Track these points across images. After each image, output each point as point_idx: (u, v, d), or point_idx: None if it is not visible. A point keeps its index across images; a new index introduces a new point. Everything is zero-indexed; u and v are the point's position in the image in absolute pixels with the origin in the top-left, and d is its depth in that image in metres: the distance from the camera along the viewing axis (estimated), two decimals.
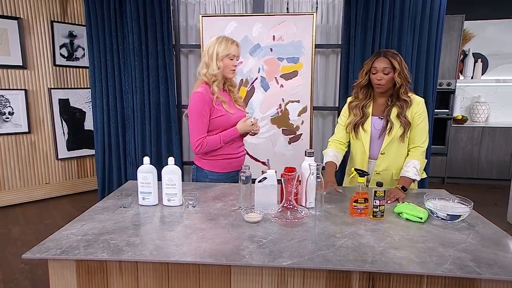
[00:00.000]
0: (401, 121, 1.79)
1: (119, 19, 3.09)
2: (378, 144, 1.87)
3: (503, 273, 1.06)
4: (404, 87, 1.78)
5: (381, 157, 1.87)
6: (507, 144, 4.53)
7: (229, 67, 1.87)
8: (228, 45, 1.86)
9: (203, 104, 1.84)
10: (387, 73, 1.75)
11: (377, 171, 1.89)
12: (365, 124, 1.87)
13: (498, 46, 4.84)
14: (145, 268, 1.21)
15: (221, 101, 1.89)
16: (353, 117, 1.91)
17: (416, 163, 1.79)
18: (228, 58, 1.85)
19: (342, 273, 1.16)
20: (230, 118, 1.91)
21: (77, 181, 4.13)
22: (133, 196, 1.65)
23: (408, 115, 1.79)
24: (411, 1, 2.82)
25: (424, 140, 1.83)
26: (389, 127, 1.80)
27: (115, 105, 3.25)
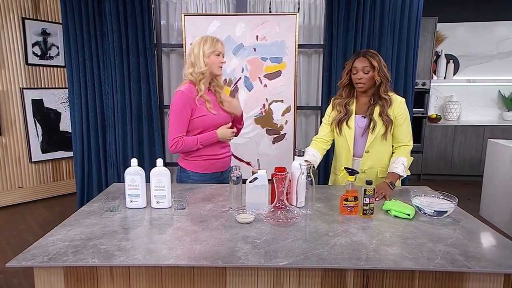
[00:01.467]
0: (383, 120, 1.84)
1: (97, 17, 2.99)
2: (362, 143, 1.91)
3: (490, 266, 1.11)
4: (384, 86, 1.83)
5: (365, 155, 1.91)
6: (478, 142, 4.75)
7: (217, 63, 1.87)
8: (214, 42, 1.87)
9: (185, 103, 1.82)
10: (366, 72, 1.81)
11: (362, 170, 1.92)
12: (349, 121, 1.91)
13: (468, 48, 5.06)
14: (137, 273, 1.18)
15: (204, 100, 1.87)
16: (336, 114, 1.94)
17: (404, 160, 1.85)
18: (214, 55, 1.86)
19: (337, 271, 1.17)
20: (212, 118, 1.89)
21: (53, 185, 3.97)
22: (120, 199, 1.61)
23: (390, 114, 1.84)
24: (390, 4, 2.89)
25: (409, 139, 1.90)
26: (372, 126, 1.85)
27: (94, 105, 3.15)
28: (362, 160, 1.92)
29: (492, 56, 5.04)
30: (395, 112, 1.85)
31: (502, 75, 5.02)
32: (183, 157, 1.98)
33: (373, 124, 1.84)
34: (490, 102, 5.18)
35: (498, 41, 5.00)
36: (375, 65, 1.79)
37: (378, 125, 1.84)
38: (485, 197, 3.51)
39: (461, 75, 5.12)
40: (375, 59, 1.80)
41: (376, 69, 1.80)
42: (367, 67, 1.80)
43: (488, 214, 3.43)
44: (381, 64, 1.81)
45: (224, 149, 2.00)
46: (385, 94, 1.84)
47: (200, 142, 1.88)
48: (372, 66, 1.79)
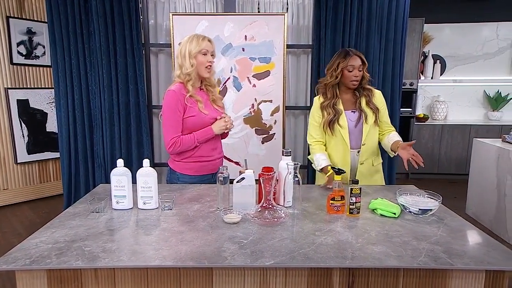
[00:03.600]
0: (371, 108, 1.97)
1: (84, 16, 2.95)
2: (356, 135, 1.99)
3: (472, 263, 1.13)
4: (366, 80, 1.98)
5: (363, 148, 1.99)
6: (464, 141, 4.83)
7: (204, 63, 1.83)
8: (199, 41, 1.83)
9: (176, 102, 1.80)
10: (361, 69, 1.93)
11: (361, 162, 2.01)
12: (340, 120, 1.96)
13: (454, 49, 5.14)
14: (122, 275, 1.16)
15: (195, 100, 1.85)
16: (326, 116, 1.98)
17: (397, 134, 2.02)
18: (201, 54, 1.81)
19: (323, 270, 1.18)
20: (203, 118, 1.86)
21: (39, 186, 3.91)
22: (106, 200, 1.59)
23: (375, 103, 2.00)
24: (377, 5, 2.92)
25: (391, 125, 2.09)
26: (364, 117, 1.96)
27: (81, 105, 3.10)
28: (360, 153, 2.00)
29: (477, 57, 5.13)
30: (377, 102, 2.00)
31: (487, 75, 5.12)
32: (173, 158, 1.95)
33: (365, 115, 1.96)
34: (476, 102, 5.27)
35: (483, 42, 5.09)
36: (366, 62, 1.94)
37: (369, 114, 1.96)
38: (471, 195, 3.57)
39: (447, 75, 5.20)
40: (362, 57, 1.93)
41: (366, 66, 1.95)
42: (361, 65, 1.92)
43: (474, 212, 3.49)
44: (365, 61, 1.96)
45: (214, 151, 1.97)
46: (367, 85, 1.99)
47: (197, 140, 1.85)
48: (364, 63, 1.93)
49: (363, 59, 1.92)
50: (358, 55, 1.92)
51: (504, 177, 3.04)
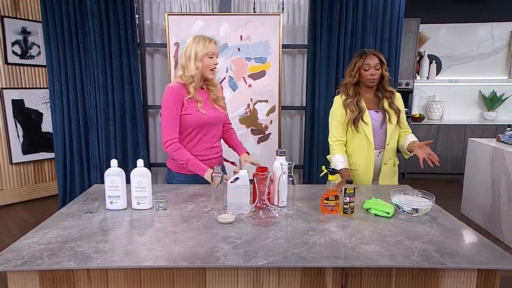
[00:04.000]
0: (394, 109, 2.00)
1: (78, 16, 2.94)
2: (380, 135, 2.01)
3: (464, 262, 1.14)
4: (387, 80, 2.00)
5: (387, 148, 2.02)
6: (460, 141, 4.85)
7: (209, 66, 1.82)
8: (206, 44, 1.81)
9: (174, 99, 1.79)
10: (378, 68, 1.94)
11: (385, 162, 2.03)
12: (364, 117, 1.98)
13: (450, 49, 5.16)
14: (115, 276, 1.16)
15: (195, 100, 1.83)
16: (350, 114, 1.99)
17: (414, 136, 2.05)
18: (207, 57, 1.80)
19: (316, 270, 1.18)
20: (199, 117, 1.84)
21: (34, 187, 3.89)
22: (100, 201, 1.59)
23: (397, 104, 2.03)
24: (372, 5, 2.93)
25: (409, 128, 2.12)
26: (388, 118, 1.98)
27: (76, 105, 3.09)
28: (384, 153, 2.02)
29: (472, 57, 5.16)
30: (397, 104, 2.03)
31: (482, 75, 5.14)
32: (170, 157, 1.95)
33: (388, 116, 1.99)
34: (471, 101, 5.30)
35: (479, 42, 5.11)
36: (384, 61, 1.96)
37: (392, 115, 1.99)
38: (466, 195, 3.59)
39: (443, 75, 5.22)
40: (380, 57, 1.96)
41: (384, 65, 1.96)
42: (379, 64, 1.94)
43: (469, 211, 3.51)
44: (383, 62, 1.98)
45: (211, 151, 1.95)
46: (390, 87, 2.02)
47: (188, 166, 1.81)
48: (382, 62, 1.95)
49: (380, 58, 1.94)
50: (375, 54, 1.94)
51: (499, 177, 3.05)
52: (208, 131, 1.91)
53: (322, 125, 3.09)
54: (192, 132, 1.88)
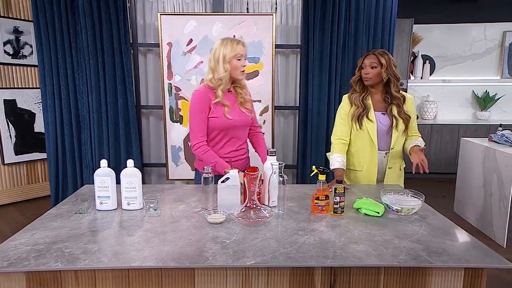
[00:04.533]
0: (402, 118, 1.96)
1: (70, 15, 2.92)
2: (386, 139, 1.99)
3: (451, 261, 1.14)
4: (395, 84, 1.96)
5: (392, 152, 2.00)
6: (453, 140, 4.88)
7: (238, 68, 1.82)
8: (234, 46, 1.81)
9: (200, 103, 1.82)
10: (374, 67, 1.92)
11: (389, 166, 2.02)
12: (369, 115, 1.97)
13: (443, 49, 5.19)
14: (103, 276, 1.16)
15: (222, 104, 1.84)
16: (355, 109, 1.99)
17: (421, 139, 2.02)
18: (235, 59, 1.81)
19: (305, 270, 1.18)
20: (225, 122, 1.84)
21: (27, 187, 3.87)
22: (90, 201, 1.58)
23: (406, 111, 1.98)
24: (365, 5, 2.94)
25: (418, 132, 2.08)
26: (395, 124, 1.96)
27: (68, 105, 3.07)
28: (389, 157, 2.00)
29: (466, 57, 5.19)
30: (407, 108, 1.99)
31: (475, 75, 5.18)
32: (198, 158, 1.96)
33: (396, 122, 1.96)
34: (465, 101, 5.33)
35: (471, 42, 5.15)
36: (383, 63, 1.91)
37: (400, 122, 1.96)
38: (458, 194, 3.61)
39: (437, 75, 5.25)
40: (384, 57, 1.92)
41: (384, 67, 1.91)
42: (374, 63, 1.92)
43: (461, 210, 3.53)
44: (390, 62, 1.92)
45: (236, 153, 1.95)
46: (397, 92, 1.97)
47: (216, 166, 1.81)
48: (380, 63, 1.91)
49: (379, 59, 1.91)
50: (375, 54, 1.93)
51: (490, 176, 3.07)
52: (233, 134, 1.91)
53: (315, 125, 3.09)
54: (218, 135, 1.89)
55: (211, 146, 1.89)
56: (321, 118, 3.07)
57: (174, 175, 3.22)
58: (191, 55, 3.03)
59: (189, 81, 3.07)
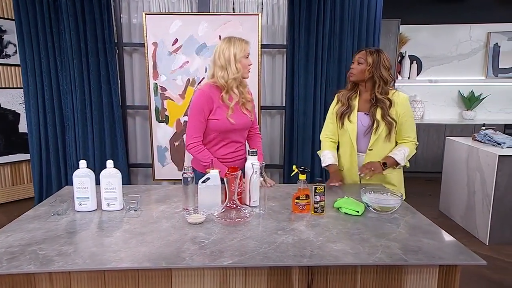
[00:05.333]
0: (385, 121, 1.86)
1: (53, 15, 2.89)
2: (365, 140, 1.93)
3: (425, 258, 1.16)
4: (380, 86, 1.86)
5: (369, 153, 1.93)
6: (440, 140, 4.94)
7: (247, 66, 1.80)
8: (243, 45, 1.79)
9: (202, 103, 1.77)
10: (359, 63, 1.87)
11: None
12: (351, 116, 1.93)
13: (430, 50, 5.25)
14: (78, 278, 1.14)
15: (226, 106, 1.80)
16: (340, 106, 1.98)
17: (406, 150, 1.88)
18: (244, 58, 1.79)
19: (283, 269, 1.19)
20: (225, 124, 1.80)
21: (12, 189, 3.80)
22: (69, 202, 1.56)
23: (393, 114, 1.86)
24: (350, 5, 2.96)
25: (414, 136, 1.93)
26: (375, 126, 1.87)
27: (52, 105, 3.03)
28: (365, 158, 1.93)
29: (452, 58, 5.26)
30: (398, 111, 1.87)
31: (461, 75, 5.25)
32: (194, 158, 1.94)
33: (376, 124, 1.87)
34: (451, 101, 5.40)
35: (457, 43, 5.22)
36: (369, 61, 1.84)
37: (381, 126, 1.87)
38: (444, 193, 3.66)
39: (424, 75, 5.31)
40: (373, 55, 1.84)
41: (369, 65, 1.84)
42: (362, 59, 1.86)
43: (446, 209, 3.58)
44: (378, 62, 1.83)
45: (234, 154, 1.92)
46: (382, 95, 1.85)
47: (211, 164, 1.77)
48: (366, 60, 1.84)
49: (367, 56, 1.84)
50: (365, 51, 1.87)
51: (474, 175, 3.12)
52: (233, 137, 1.88)
53: (301, 125, 3.11)
54: (217, 137, 1.85)
55: (209, 147, 1.85)
56: (307, 118, 3.09)
57: (161, 175, 3.20)
58: (176, 55, 3.02)
59: (175, 81, 3.05)
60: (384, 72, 1.85)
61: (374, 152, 1.92)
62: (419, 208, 1.70)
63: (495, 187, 2.87)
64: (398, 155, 1.87)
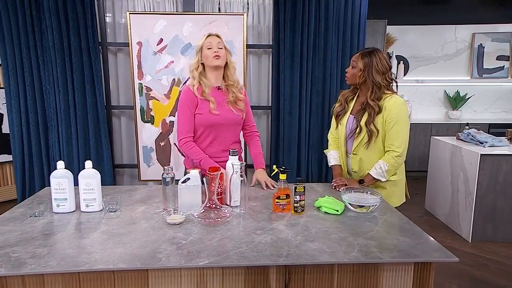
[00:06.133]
0: (367, 129, 1.78)
1: (35, 13, 2.84)
2: (350, 143, 1.91)
3: (400, 256, 1.17)
4: (373, 91, 1.76)
5: (353, 157, 1.89)
6: (426, 139, 4.99)
7: (208, 56, 1.83)
8: (203, 38, 1.88)
9: (187, 98, 1.84)
10: (352, 67, 1.84)
11: (353, 169, 1.92)
12: (343, 118, 1.93)
13: (417, 50, 5.31)
14: (52, 281, 1.13)
15: (208, 100, 1.84)
16: (338, 105, 1.98)
17: (384, 165, 1.79)
18: (206, 48, 1.84)
19: (260, 269, 1.19)
20: (210, 118, 1.84)
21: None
22: (47, 203, 1.54)
23: (377, 122, 1.77)
24: (334, 5, 2.98)
25: (397, 144, 1.77)
26: (357, 132, 1.83)
27: (35, 106, 2.99)
28: (351, 160, 1.92)
29: (437, 58, 5.33)
30: (385, 116, 1.76)
31: (447, 76, 5.32)
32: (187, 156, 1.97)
33: (359, 130, 1.82)
34: (438, 101, 5.47)
35: (443, 43, 5.29)
36: (359, 65, 1.78)
37: (362, 132, 1.81)
38: (429, 191, 3.70)
39: (411, 75, 5.37)
40: (364, 59, 1.77)
41: (359, 69, 1.78)
42: (355, 62, 1.82)
43: (431, 207, 3.62)
44: (369, 67, 1.75)
45: (226, 152, 1.85)
46: (374, 101, 1.76)
47: (202, 164, 1.81)
48: (358, 65, 1.79)
49: (358, 60, 1.79)
50: (360, 54, 1.80)
51: (457, 173, 3.16)
52: (221, 132, 1.89)
53: (287, 125, 3.11)
54: (204, 132, 1.88)
55: (198, 143, 1.89)
56: (293, 118, 3.09)
57: (146, 175, 3.18)
58: (161, 54, 3.00)
59: (160, 81, 3.03)
60: (377, 76, 1.75)
61: (359, 156, 1.87)
62: (405, 206, 1.72)
63: (477, 186, 2.91)
64: (373, 171, 1.81)
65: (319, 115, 3.10)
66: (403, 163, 1.86)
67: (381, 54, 1.79)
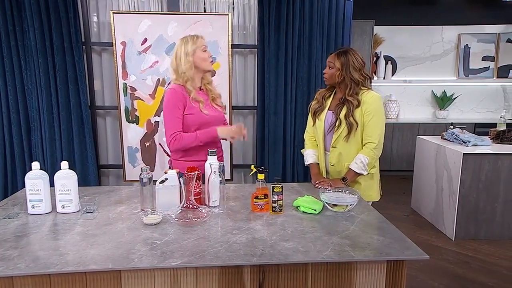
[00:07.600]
0: (346, 122, 1.83)
1: (16, 12, 2.80)
2: (329, 138, 1.94)
3: (372, 254, 1.18)
4: (351, 88, 1.82)
5: (333, 150, 1.92)
6: (413, 138, 5.02)
7: (205, 59, 1.83)
8: (194, 39, 1.84)
9: (176, 99, 1.80)
10: (329, 67, 1.88)
11: (331, 163, 1.94)
12: (321, 115, 1.96)
13: (405, 50, 5.36)
14: (22, 283, 1.11)
15: (197, 101, 1.84)
16: (315, 103, 2.00)
17: (364, 158, 1.83)
18: (200, 51, 1.82)
19: (234, 268, 1.18)
20: (201, 117, 1.84)
21: None
22: (21, 205, 1.52)
23: (356, 115, 1.82)
24: (318, 6, 2.98)
25: (375, 136, 1.83)
26: (337, 124, 1.87)
27: (17, 106, 2.94)
28: (330, 154, 1.94)
29: (425, 58, 5.38)
30: (363, 109, 1.83)
31: (434, 76, 5.38)
32: (173, 157, 1.95)
33: (339, 122, 1.86)
34: (425, 101, 5.52)
35: (430, 44, 5.34)
36: (337, 66, 1.83)
37: (342, 125, 1.85)
38: (415, 190, 3.74)
39: (399, 75, 5.41)
40: (340, 59, 1.82)
41: (338, 69, 1.83)
42: (331, 63, 1.86)
43: (417, 206, 3.66)
44: (346, 65, 1.81)
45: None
46: (351, 96, 1.82)
47: (199, 139, 1.81)
48: (335, 65, 1.84)
49: (335, 60, 1.83)
50: (335, 54, 1.85)
51: (441, 172, 3.20)
52: None
53: (272, 125, 3.11)
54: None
55: None
56: (278, 117, 3.10)
57: (132, 176, 3.15)
58: (146, 54, 2.98)
59: (145, 81, 3.01)
60: (354, 74, 1.82)
61: (338, 150, 1.91)
62: (392, 206, 1.72)
63: (460, 185, 2.95)
64: (354, 166, 1.84)
65: (304, 115, 3.11)
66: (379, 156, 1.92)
67: (355, 51, 1.87)
